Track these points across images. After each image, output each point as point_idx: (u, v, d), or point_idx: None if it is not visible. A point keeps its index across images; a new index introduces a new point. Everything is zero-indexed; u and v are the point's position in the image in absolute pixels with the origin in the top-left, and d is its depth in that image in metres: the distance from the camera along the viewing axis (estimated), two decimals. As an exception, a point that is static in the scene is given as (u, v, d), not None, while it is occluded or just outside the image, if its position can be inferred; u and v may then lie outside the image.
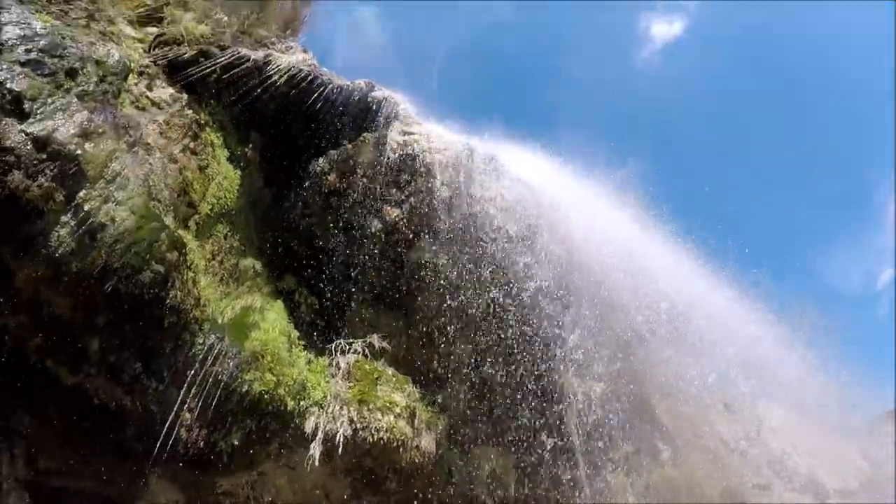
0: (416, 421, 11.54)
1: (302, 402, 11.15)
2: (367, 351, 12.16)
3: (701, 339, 14.66)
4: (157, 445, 10.57)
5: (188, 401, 11.10)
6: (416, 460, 11.32)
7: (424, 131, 13.37)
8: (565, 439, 12.68)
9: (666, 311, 14.16)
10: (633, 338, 13.92)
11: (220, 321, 11.69)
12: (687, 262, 15.90)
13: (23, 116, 10.37)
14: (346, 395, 11.34)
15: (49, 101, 10.62)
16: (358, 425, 11.06)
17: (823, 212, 66.43)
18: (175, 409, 10.92)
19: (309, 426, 11.04)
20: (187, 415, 11.22)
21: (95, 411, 10.98)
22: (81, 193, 10.51)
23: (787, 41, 65.10)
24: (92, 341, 10.85)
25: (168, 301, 10.98)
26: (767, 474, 16.02)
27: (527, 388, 12.58)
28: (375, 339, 12.22)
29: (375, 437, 11.02)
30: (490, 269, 12.50)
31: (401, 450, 11.18)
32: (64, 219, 10.33)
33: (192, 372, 11.09)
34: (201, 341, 11.30)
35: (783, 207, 64.51)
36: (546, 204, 13.30)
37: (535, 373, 12.65)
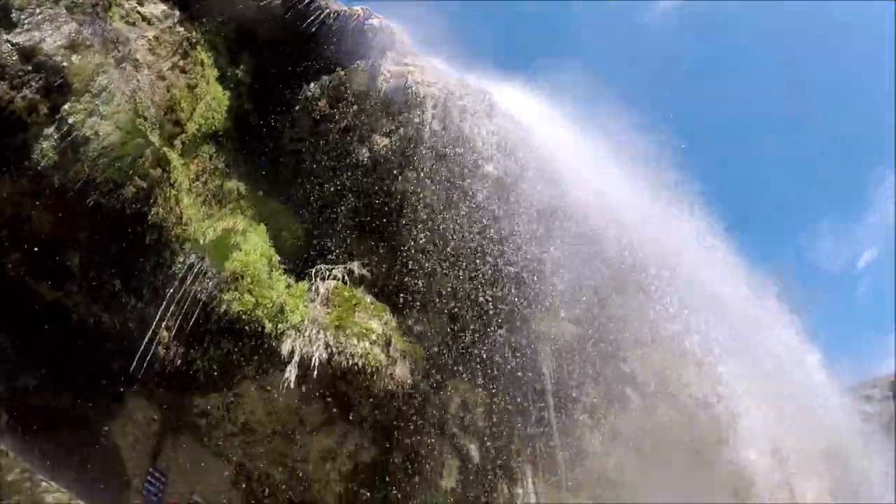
0: (391, 349, 11.67)
1: (280, 325, 11.25)
2: (346, 277, 12.22)
3: (680, 293, 14.80)
4: (135, 363, 10.71)
5: (166, 319, 11.17)
6: (390, 387, 11.48)
7: (419, 63, 13.24)
8: (537, 378, 12.87)
9: (650, 264, 14.24)
10: (612, 286, 14.04)
11: (201, 241, 11.69)
12: (675, 219, 15.95)
13: (10, 26, 10.25)
14: (324, 319, 11.43)
15: (37, 11, 10.55)
16: (334, 350, 11.17)
17: (815, 189, 66.69)
18: (153, 326, 11.05)
19: (285, 348, 11.17)
20: (165, 333, 11.29)
21: (74, 328, 11.08)
22: (66, 106, 10.49)
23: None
24: (73, 258, 10.89)
25: (150, 217, 10.95)
26: (731, 430, 16.40)
27: (502, 324, 12.73)
28: (355, 266, 12.28)
29: (350, 362, 11.15)
30: (473, 205, 12.51)
31: (375, 376, 11.32)
32: (47, 131, 10.31)
33: (172, 290, 11.12)
34: (181, 260, 11.32)
35: (777, 179, 64.63)
36: (537, 145, 13.22)
37: (512, 311, 12.77)
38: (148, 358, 10.89)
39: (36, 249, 10.52)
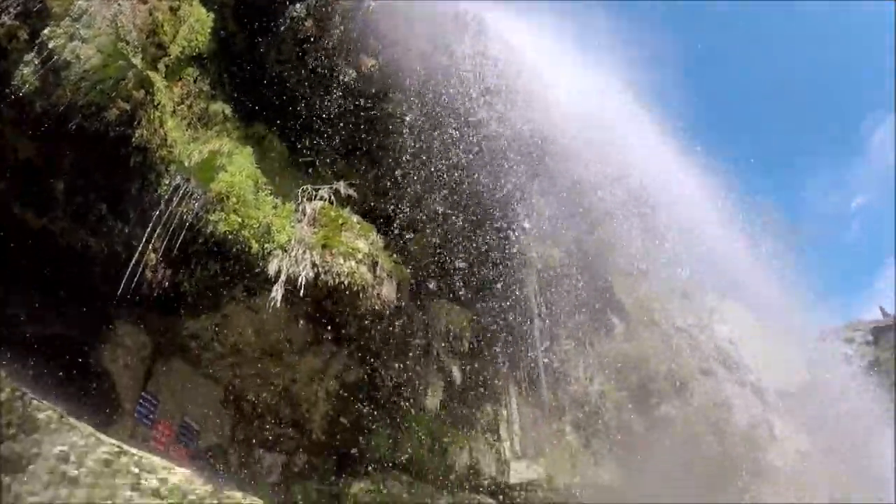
0: (377, 269, 11.72)
1: (266, 245, 11.22)
2: (332, 198, 12.16)
3: (668, 227, 14.89)
4: (123, 286, 10.73)
5: (153, 241, 11.15)
6: (376, 307, 11.57)
7: (409, -18, 12.95)
8: (522, 301, 13.03)
9: (641, 197, 14.29)
10: (600, 213, 14.11)
11: (186, 163, 11.55)
12: (670, 153, 15.94)
13: (-15, -46, 10.02)
14: (311, 239, 11.41)
15: (13, -64, 10.23)
16: (320, 269, 11.19)
17: (814, 132, 66.93)
18: (140, 249, 11.04)
19: (272, 269, 11.15)
20: (152, 255, 11.25)
21: (62, 254, 11.00)
22: (46, 31, 10.22)
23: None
24: (57, 183, 10.75)
25: (134, 140, 10.79)
26: (712, 361, 16.76)
27: (489, 247, 12.80)
28: (342, 186, 12.19)
29: (336, 280, 11.19)
30: (460, 126, 12.45)
31: (361, 295, 11.38)
32: (27, 57, 10.08)
33: (158, 213, 11.03)
34: (167, 182, 11.19)
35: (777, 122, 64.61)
36: (528, 69, 13.08)
37: (498, 234, 12.85)
38: (136, 281, 10.83)
39: (20, 177, 10.38)
